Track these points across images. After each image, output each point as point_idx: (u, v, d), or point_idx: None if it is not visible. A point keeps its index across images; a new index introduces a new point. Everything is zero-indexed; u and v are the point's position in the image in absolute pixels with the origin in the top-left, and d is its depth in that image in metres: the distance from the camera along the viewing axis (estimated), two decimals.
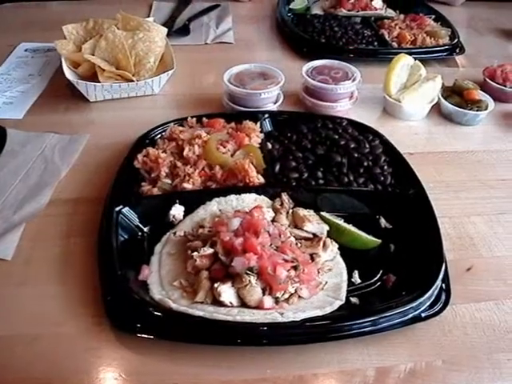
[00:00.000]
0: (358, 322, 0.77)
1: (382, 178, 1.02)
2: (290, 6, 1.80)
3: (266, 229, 0.85)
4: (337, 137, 1.08)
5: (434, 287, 0.82)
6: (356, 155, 1.04)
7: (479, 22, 1.89)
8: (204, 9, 1.83)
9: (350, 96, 1.28)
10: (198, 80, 1.44)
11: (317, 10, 1.80)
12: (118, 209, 0.92)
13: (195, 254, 0.82)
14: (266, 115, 1.18)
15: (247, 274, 0.79)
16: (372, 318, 0.77)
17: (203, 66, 1.49)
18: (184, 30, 1.67)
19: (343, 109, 1.27)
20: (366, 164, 1.03)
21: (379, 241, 0.92)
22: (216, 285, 0.79)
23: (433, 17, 1.74)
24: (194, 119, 1.15)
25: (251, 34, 1.70)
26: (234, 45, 1.62)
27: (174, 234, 0.91)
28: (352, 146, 1.06)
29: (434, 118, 1.32)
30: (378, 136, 1.12)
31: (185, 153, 1.02)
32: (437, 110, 1.33)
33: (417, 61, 1.32)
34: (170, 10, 1.82)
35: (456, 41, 1.60)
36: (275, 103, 1.26)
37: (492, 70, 1.43)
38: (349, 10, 1.75)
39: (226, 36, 1.65)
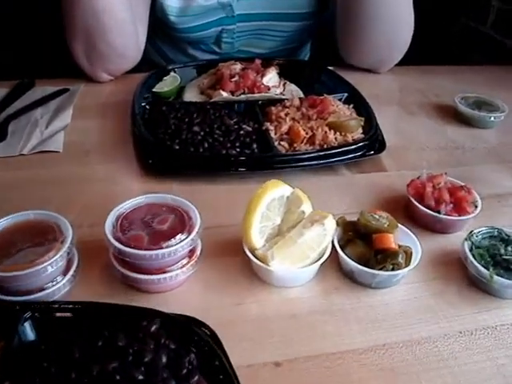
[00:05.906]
0: None
1: None
2: (155, 89, 1.30)
3: None
4: (118, 377, 0.58)
5: None
6: None
7: (409, 95, 1.43)
8: (44, 96, 1.34)
9: (188, 255, 0.80)
10: None
11: (193, 92, 1.32)
12: None
13: None
14: (28, 314, 0.68)
15: None
16: None
17: None
18: None
19: (177, 280, 0.78)
20: None
21: None
22: None
23: (345, 95, 1.28)
24: None
25: (92, 143, 1.16)
26: (61, 154, 1.12)
27: None
28: None
29: (329, 279, 0.84)
30: (210, 353, 0.63)
31: None
32: (335, 262, 0.86)
33: (296, 189, 0.85)
34: (1, 99, 1.34)
35: (373, 133, 1.13)
36: (65, 274, 0.77)
37: (419, 185, 0.96)
38: (231, 92, 1.27)
39: (52, 141, 1.14)
